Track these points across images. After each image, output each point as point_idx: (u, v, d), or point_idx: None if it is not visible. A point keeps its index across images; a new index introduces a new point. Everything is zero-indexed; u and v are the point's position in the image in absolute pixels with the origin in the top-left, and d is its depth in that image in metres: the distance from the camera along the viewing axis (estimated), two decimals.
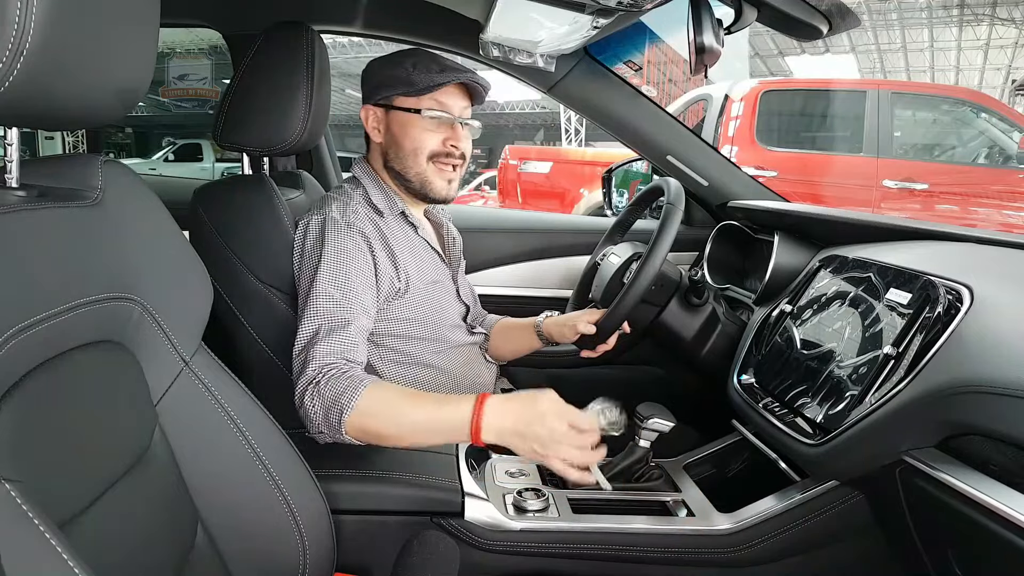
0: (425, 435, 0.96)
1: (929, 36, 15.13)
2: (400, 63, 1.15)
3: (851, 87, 5.10)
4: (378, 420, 0.95)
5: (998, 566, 0.79)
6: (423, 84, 1.13)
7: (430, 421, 0.94)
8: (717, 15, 1.09)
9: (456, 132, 1.18)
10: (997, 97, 10.07)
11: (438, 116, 1.15)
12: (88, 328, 0.64)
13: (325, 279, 1.07)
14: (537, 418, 0.90)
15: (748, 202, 1.63)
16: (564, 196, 5.40)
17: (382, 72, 1.18)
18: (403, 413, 0.95)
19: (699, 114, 4.68)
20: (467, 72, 1.16)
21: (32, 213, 0.60)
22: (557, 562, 1.03)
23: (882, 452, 0.89)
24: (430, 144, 1.17)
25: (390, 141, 1.19)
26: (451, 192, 1.21)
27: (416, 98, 1.15)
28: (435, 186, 1.19)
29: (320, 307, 1.05)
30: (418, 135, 1.16)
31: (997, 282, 0.89)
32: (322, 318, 1.04)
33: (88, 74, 0.59)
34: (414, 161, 1.17)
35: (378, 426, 0.95)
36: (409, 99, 1.16)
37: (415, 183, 1.19)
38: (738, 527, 1.03)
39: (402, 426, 0.95)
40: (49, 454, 0.58)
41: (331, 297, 1.06)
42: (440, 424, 0.94)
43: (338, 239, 1.09)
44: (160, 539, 0.71)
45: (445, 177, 1.19)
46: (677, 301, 1.35)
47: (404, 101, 1.16)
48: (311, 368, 0.99)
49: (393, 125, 1.18)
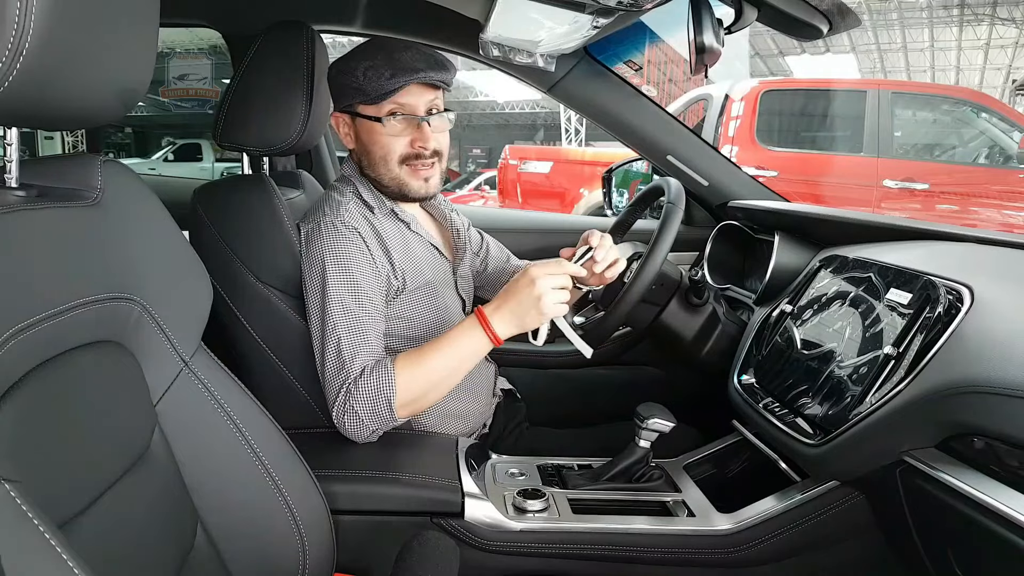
0: (459, 373, 1.07)
1: (929, 36, 15.13)
2: (352, 70, 1.09)
3: (851, 87, 5.11)
4: (420, 387, 1.04)
5: (998, 566, 0.79)
6: (375, 92, 1.08)
7: (457, 359, 1.05)
8: (717, 15, 1.09)
9: (423, 131, 1.12)
10: (997, 97, 10.06)
11: (401, 119, 1.11)
12: (88, 328, 0.64)
13: (336, 289, 1.07)
14: (527, 294, 1.00)
15: (748, 202, 1.62)
16: (564, 196, 5.40)
17: (337, 79, 1.13)
18: (434, 369, 1.04)
19: (699, 114, 4.68)
20: (420, 72, 1.08)
21: (32, 213, 0.60)
22: (557, 562, 1.03)
23: (882, 452, 0.89)
24: (398, 149, 1.13)
25: (361, 148, 1.16)
26: (430, 189, 1.17)
27: (375, 105, 1.10)
28: (411, 187, 1.15)
29: (338, 321, 1.06)
30: (385, 142, 1.12)
31: (997, 282, 0.89)
32: (342, 331, 1.05)
33: (88, 74, 0.59)
34: (385, 168, 1.14)
35: (423, 393, 1.05)
36: (368, 107, 1.11)
37: (391, 188, 1.16)
38: (738, 527, 1.03)
39: (442, 379, 1.05)
40: (49, 454, 0.58)
41: (347, 309, 1.06)
42: (465, 354, 1.05)
43: (337, 243, 1.09)
44: (160, 539, 0.71)
45: (421, 177, 1.15)
46: (677, 301, 1.34)
47: (365, 108, 1.12)
48: (341, 387, 1.04)
49: (361, 132, 1.15)
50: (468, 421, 1.24)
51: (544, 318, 1.01)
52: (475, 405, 1.25)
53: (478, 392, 1.26)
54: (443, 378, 1.05)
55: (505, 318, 1.02)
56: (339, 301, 1.06)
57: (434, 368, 1.04)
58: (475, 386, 1.27)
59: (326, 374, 1.06)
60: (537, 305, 1.00)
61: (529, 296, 1.00)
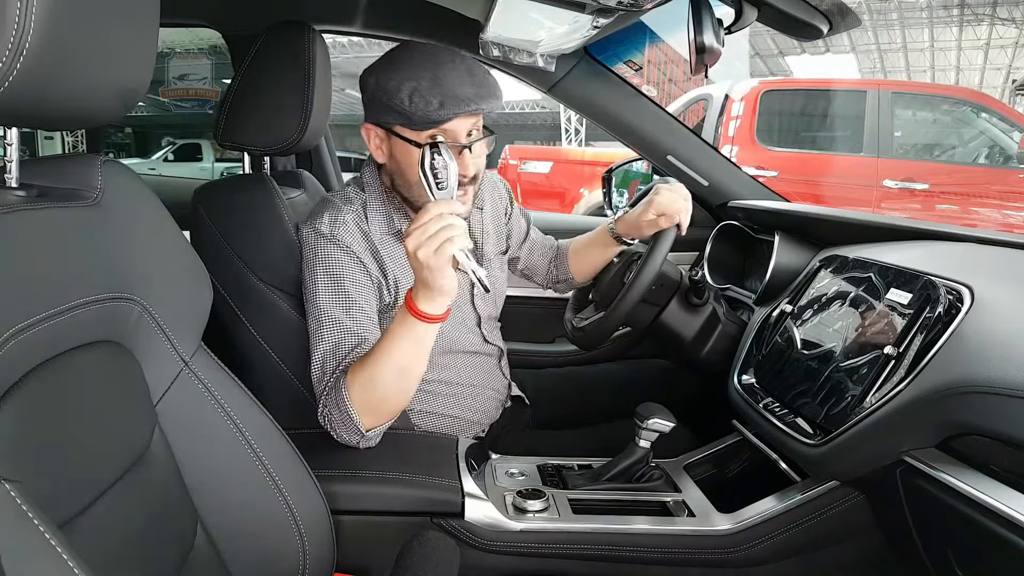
0: (412, 370, 1.00)
1: (929, 36, 15.13)
2: (395, 91, 1.01)
3: (851, 87, 5.12)
4: (376, 394, 0.99)
5: (998, 566, 0.79)
6: (421, 121, 1.01)
7: (403, 355, 0.98)
8: (717, 15, 1.09)
9: (463, 159, 1.05)
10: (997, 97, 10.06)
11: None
12: (88, 328, 0.64)
13: (325, 299, 1.06)
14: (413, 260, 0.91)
15: (748, 202, 1.62)
16: (564, 196, 5.40)
17: (378, 95, 1.04)
18: (383, 373, 0.98)
19: (699, 114, 4.68)
20: (471, 104, 1.01)
21: (32, 213, 0.60)
22: (557, 562, 1.03)
23: (882, 452, 0.89)
24: None
25: (395, 167, 1.10)
26: (463, 211, 1.09)
27: (416, 132, 1.04)
28: None
29: (325, 333, 1.05)
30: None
31: (998, 282, 0.89)
32: (327, 342, 1.05)
33: (88, 74, 0.59)
34: (421, 191, 1.05)
35: (381, 399, 1.00)
36: (408, 131, 1.04)
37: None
38: (738, 527, 1.03)
39: (395, 380, 0.99)
40: (49, 454, 0.58)
41: (334, 319, 1.05)
42: (408, 346, 0.97)
43: (329, 253, 1.07)
44: (160, 539, 0.71)
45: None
46: (677, 301, 1.34)
47: (404, 131, 1.05)
48: (320, 397, 1.04)
49: (396, 152, 1.08)
50: (474, 428, 1.25)
51: (437, 270, 0.90)
52: (483, 417, 1.26)
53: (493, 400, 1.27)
54: (398, 376, 0.99)
55: (422, 292, 0.94)
56: (327, 312, 1.06)
57: (383, 372, 0.98)
58: (490, 394, 1.26)
59: (312, 382, 1.06)
60: (421, 264, 0.90)
61: (414, 261, 0.91)
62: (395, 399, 1.01)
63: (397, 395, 1.01)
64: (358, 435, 1.02)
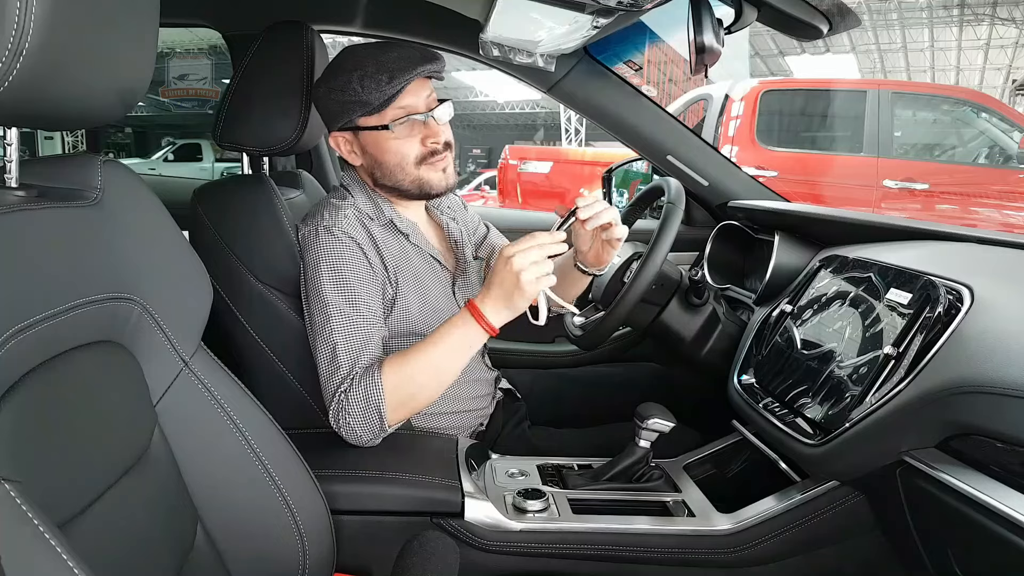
0: (451, 370, 1.04)
1: (929, 36, 15.13)
2: (345, 86, 1.06)
3: (851, 87, 5.11)
4: (410, 389, 1.02)
5: (998, 566, 0.79)
6: (378, 101, 1.06)
7: (448, 355, 1.03)
8: (717, 15, 1.09)
9: (431, 127, 1.12)
10: (997, 97, 10.06)
11: (407, 121, 1.10)
12: (88, 328, 0.64)
13: (332, 294, 1.06)
14: (506, 275, 0.97)
15: (748, 202, 1.63)
16: (564, 196, 5.39)
17: (329, 99, 1.10)
18: (423, 369, 1.02)
19: (699, 114, 4.68)
20: (417, 68, 1.06)
21: (31, 213, 0.60)
22: (557, 562, 1.03)
23: (882, 452, 0.89)
24: (412, 152, 1.12)
25: (371, 162, 1.14)
26: (450, 181, 1.17)
27: (378, 114, 1.09)
28: (432, 183, 1.15)
29: (334, 327, 1.05)
30: (397, 148, 1.11)
31: (997, 282, 0.89)
32: (337, 336, 1.05)
33: (88, 74, 0.59)
34: (403, 173, 1.13)
35: (413, 394, 1.03)
36: (370, 117, 1.09)
37: (413, 190, 1.15)
38: (738, 527, 1.03)
39: (432, 378, 1.04)
40: (49, 454, 0.58)
41: (342, 314, 1.06)
42: (457, 347, 1.03)
43: (333, 248, 1.08)
44: (160, 539, 0.71)
45: (439, 169, 1.15)
46: (677, 301, 1.34)
47: (367, 120, 1.10)
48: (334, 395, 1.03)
49: (367, 146, 1.13)
50: (466, 420, 1.25)
51: (528, 296, 0.98)
52: (472, 407, 1.26)
53: (479, 395, 1.26)
54: (433, 376, 1.03)
55: (495, 305, 1.00)
56: (335, 306, 1.06)
57: (423, 367, 1.02)
58: (477, 389, 1.26)
59: (321, 379, 1.06)
60: (518, 284, 0.96)
61: (509, 276, 0.97)
62: (426, 395, 1.05)
63: (428, 392, 1.05)
64: (377, 430, 1.02)
